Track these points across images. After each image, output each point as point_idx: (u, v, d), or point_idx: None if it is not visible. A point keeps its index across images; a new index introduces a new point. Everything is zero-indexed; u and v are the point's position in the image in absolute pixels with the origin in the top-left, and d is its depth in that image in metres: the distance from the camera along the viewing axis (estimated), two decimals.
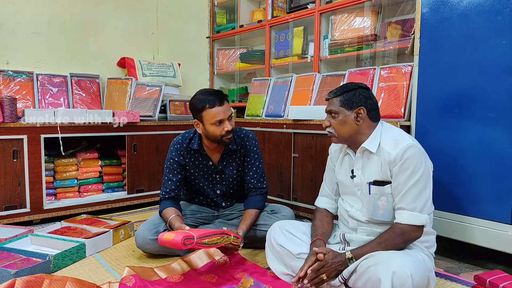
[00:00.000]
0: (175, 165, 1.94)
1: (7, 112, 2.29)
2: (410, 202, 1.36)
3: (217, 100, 1.79)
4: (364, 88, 1.51)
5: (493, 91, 1.66)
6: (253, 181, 1.98)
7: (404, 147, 1.37)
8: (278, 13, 3.24)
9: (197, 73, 3.87)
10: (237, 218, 2.04)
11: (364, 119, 1.47)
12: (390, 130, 1.49)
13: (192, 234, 1.49)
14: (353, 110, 1.47)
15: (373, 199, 1.46)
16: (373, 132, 1.48)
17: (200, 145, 1.94)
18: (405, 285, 1.18)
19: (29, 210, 2.38)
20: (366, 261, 1.32)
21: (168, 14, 3.61)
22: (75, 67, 3.06)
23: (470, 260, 1.87)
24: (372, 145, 1.46)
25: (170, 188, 1.92)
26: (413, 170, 1.36)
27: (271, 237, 1.64)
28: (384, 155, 1.42)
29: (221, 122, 1.80)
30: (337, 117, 1.49)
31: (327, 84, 2.64)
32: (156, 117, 2.95)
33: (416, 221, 1.35)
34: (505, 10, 1.61)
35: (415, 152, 1.37)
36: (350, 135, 1.49)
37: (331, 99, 1.52)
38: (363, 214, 1.50)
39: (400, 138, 1.42)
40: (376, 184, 1.45)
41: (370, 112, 1.48)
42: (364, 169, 1.50)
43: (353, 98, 1.47)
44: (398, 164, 1.38)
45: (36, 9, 2.87)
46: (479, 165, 1.72)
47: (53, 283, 1.33)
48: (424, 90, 1.90)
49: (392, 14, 2.65)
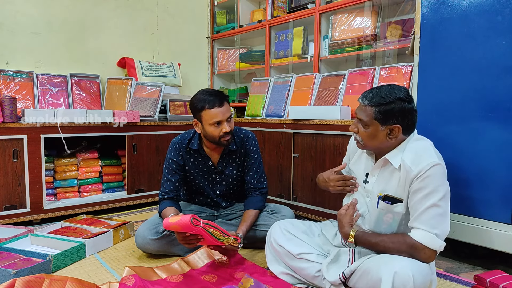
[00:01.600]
0: (174, 166, 1.93)
1: (7, 112, 2.29)
2: (427, 222, 1.26)
3: (217, 101, 1.78)
4: (405, 101, 1.32)
5: (494, 91, 1.66)
6: (253, 181, 1.98)
7: (428, 165, 1.26)
8: (278, 13, 3.24)
9: (197, 73, 3.87)
10: (237, 218, 2.04)
11: (397, 137, 1.34)
12: (416, 142, 1.36)
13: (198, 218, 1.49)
14: (387, 126, 1.32)
15: (378, 212, 1.40)
16: (400, 145, 1.37)
17: (199, 145, 1.93)
18: (407, 286, 1.17)
19: (29, 210, 2.38)
20: (368, 262, 1.32)
21: (168, 14, 3.61)
22: (75, 67, 3.05)
23: (470, 260, 1.87)
24: (396, 159, 1.34)
25: (169, 188, 1.92)
26: (433, 190, 1.26)
27: (271, 237, 1.63)
28: (406, 170, 1.30)
29: (220, 123, 1.80)
30: (367, 128, 1.36)
31: (327, 84, 2.64)
32: (156, 117, 2.95)
33: (429, 243, 1.25)
34: (505, 10, 1.61)
35: (439, 172, 1.26)
36: (378, 148, 1.39)
37: (364, 106, 1.36)
38: (366, 222, 1.45)
39: (424, 153, 1.30)
40: (386, 200, 1.37)
41: (405, 129, 1.34)
42: (379, 179, 1.41)
43: (390, 113, 1.31)
44: (418, 181, 1.27)
45: (36, 9, 2.87)
46: (479, 165, 1.72)
47: (53, 283, 1.33)
48: (424, 90, 1.90)
49: (392, 14, 2.64)
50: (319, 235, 1.62)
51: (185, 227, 1.45)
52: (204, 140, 1.93)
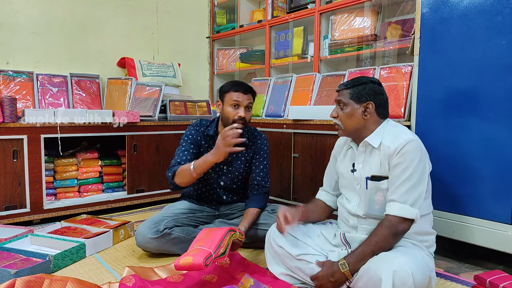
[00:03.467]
0: (193, 140, 1.98)
1: (7, 112, 2.29)
2: (401, 195, 1.36)
3: (243, 88, 1.92)
4: (376, 83, 1.51)
5: (493, 91, 1.66)
6: (258, 179, 2.01)
7: (403, 141, 1.38)
8: (278, 13, 3.24)
9: (197, 73, 3.87)
10: (237, 218, 2.04)
11: (371, 114, 1.47)
12: (393, 127, 1.49)
13: (208, 251, 1.43)
14: (361, 104, 1.47)
15: (369, 193, 1.46)
16: (377, 128, 1.48)
17: (215, 132, 1.99)
18: (406, 284, 1.18)
19: (29, 210, 2.38)
20: (367, 262, 1.32)
21: (168, 14, 3.61)
22: (75, 67, 3.05)
23: (470, 260, 1.87)
24: (375, 140, 1.46)
25: (185, 157, 1.91)
26: (409, 164, 1.36)
27: (270, 238, 1.63)
28: (384, 149, 1.42)
29: (238, 106, 1.89)
30: (345, 109, 1.50)
31: (327, 84, 2.64)
32: (156, 117, 2.95)
33: (405, 214, 1.35)
34: (505, 10, 1.61)
35: (414, 147, 1.37)
36: (356, 129, 1.49)
37: (341, 90, 1.53)
38: (360, 208, 1.50)
39: (401, 134, 1.42)
40: (373, 179, 1.45)
41: (378, 108, 1.48)
42: (365, 163, 1.50)
43: (363, 92, 1.47)
44: (396, 157, 1.38)
45: (36, 9, 2.87)
46: (479, 165, 1.72)
47: (54, 283, 1.33)
48: (424, 90, 1.90)
49: (392, 14, 2.65)
50: (318, 236, 1.62)
51: (199, 267, 1.40)
52: (220, 128, 1.98)
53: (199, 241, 1.53)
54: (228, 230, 1.60)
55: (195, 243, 1.52)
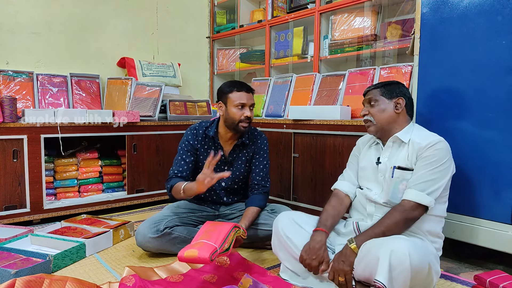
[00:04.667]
0: (190, 147, 1.98)
1: (7, 112, 2.29)
2: (421, 184, 1.39)
3: (245, 88, 1.91)
4: (403, 85, 1.58)
5: (493, 91, 1.66)
6: (258, 178, 2.01)
7: (436, 139, 1.43)
8: (278, 13, 3.24)
9: (197, 73, 3.87)
10: (237, 217, 2.04)
11: (402, 109, 1.52)
12: (422, 129, 1.54)
13: (214, 246, 1.43)
14: (392, 99, 1.52)
15: (394, 182, 1.47)
16: (407, 126, 1.53)
17: (216, 133, 1.99)
18: (403, 264, 1.19)
19: (29, 210, 2.38)
20: (367, 244, 1.33)
21: (168, 14, 3.61)
22: (75, 67, 3.05)
23: (470, 260, 1.87)
24: (405, 136, 1.50)
25: (182, 168, 1.95)
26: (437, 159, 1.40)
27: (278, 226, 1.60)
28: (413, 145, 1.46)
29: (243, 106, 1.89)
30: (376, 105, 1.53)
31: (327, 84, 2.64)
32: (156, 117, 2.95)
33: (421, 200, 1.38)
34: (505, 10, 1.61)
35: (445, 147, 1.43)
36: (388, 123, 1.52)
37: (370, 91, 1.58)
38: (381, 197, 1.51)
39: (431, 135, 1.48)
40: (400, 169, 1.47)
41: (407, 105, 1.53)
42: (391, 156, 1.53)
43: (393, 89, 1.54)
44: (427, 151, 1.41)
45: (36, 9, 2.87)
46: (479, 165, 1.72)
47: (53, 283, 1.33)
48: (424, 90, 1.90)
49: (392, 14, 2.65)
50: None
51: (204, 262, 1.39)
52: (220, 129, 1.98)
53: (204, 234, 1.53)
54: (233, 226, 1.60)
55: (200, 236, 1.53)
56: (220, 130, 1.99)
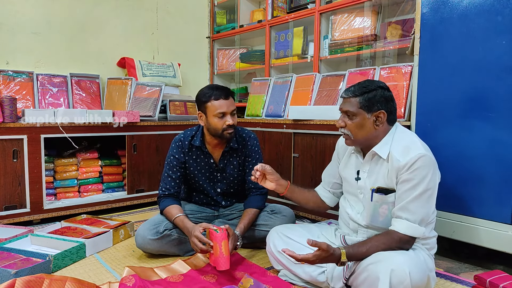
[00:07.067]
0: (175, 162, 1.95)
1: (7, 112, 2.29)
2: (412, 214, 1.31)
3: (223, 94, 1.83)
4: (385, 88, 1.41)
5: (494, 91, 1.66)
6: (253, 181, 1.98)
7: (414, 156, 1.30)
8: (278, 13, 3.24)
9: (197, 73, 3.87)
10: (237, 218, 2.04)
11: (383, 124, 1.39)
12: (402, 134, 1.42)
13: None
14: (373, 113, 1.38)
15: (373, 205, 1.41)
16: (386, 136, 1.41)
17: (202, 142, 1.94)
18: (404, 283, 1.18)
19: (29, 210, 2.38)
20: (365, 260, 1.32)
21: (168, 14, 3.61)
22: (75, 67, 3.05)
23: (470, 260, 1.87)
24: (383, 150, 1.39)
25: (170, 185, 1.94)
26: (419, 181, 1.30)
27: (269, 243, 1.65)
28: (393, 162, 1.35)
29: (224, 115, 1.82)
30: (354, 119, 1.40)
31: (327, 84, 2.64)
32: (156, 117, 2.95)
33: (413, 233, 1.31)
34: (505, 10, 1.61)
35: (425, 163, 1.30)
36: (366, 139, 1.42)
37: (348, 98, 1.42)
38: (363, 218, 1.46)
39: (412, 145, 1.35)
40: (380, 192, 1.40)
41: (389, 116, 1.40)
42: (370, 173, 1.44)
43: (373, 99, 1.37)
44: (406, 172, 1.31)
45: (36, 9, 2.87)
46: (479, 165, 1.72)
47: (53, 283, 1.33)
48: (424, 90, 1.90)
49: (392, 14, 2.64)
50: (318, 237, 1.62)
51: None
52: (206, 137, 1.94)
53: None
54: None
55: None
56: (206, 138, 1.94)
